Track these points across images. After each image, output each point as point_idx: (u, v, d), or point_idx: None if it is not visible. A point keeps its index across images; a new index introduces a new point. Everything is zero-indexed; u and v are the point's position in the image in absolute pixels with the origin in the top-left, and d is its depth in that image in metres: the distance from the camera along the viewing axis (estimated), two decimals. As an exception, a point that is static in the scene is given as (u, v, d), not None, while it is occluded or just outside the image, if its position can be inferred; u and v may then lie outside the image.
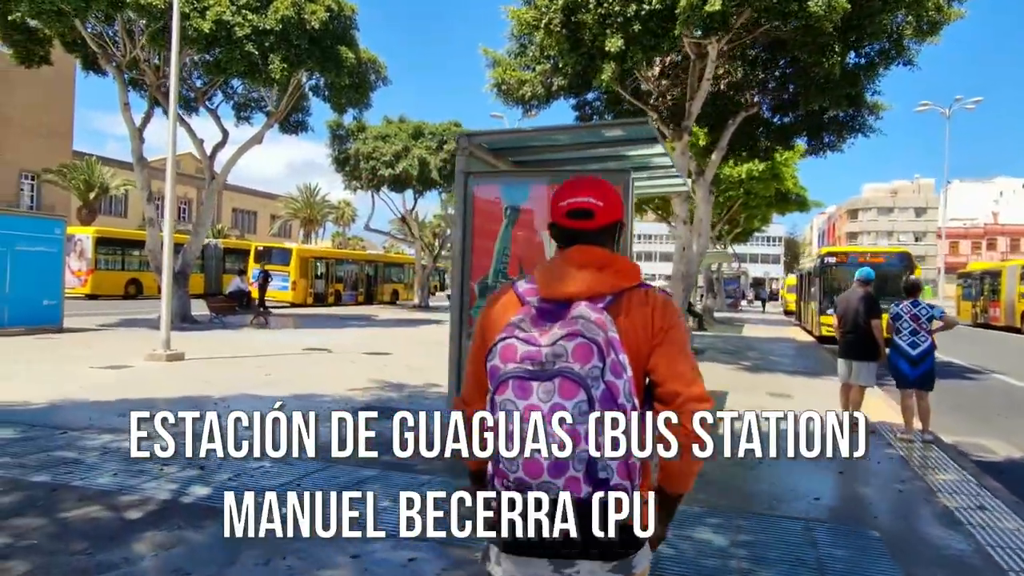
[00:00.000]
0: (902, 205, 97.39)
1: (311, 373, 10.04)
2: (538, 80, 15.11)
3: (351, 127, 31.31)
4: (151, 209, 18.48)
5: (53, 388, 8.15)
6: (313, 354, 12.63)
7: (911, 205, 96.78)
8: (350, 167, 31.14)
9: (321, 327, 19.76)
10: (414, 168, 28.79)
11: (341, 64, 18.63)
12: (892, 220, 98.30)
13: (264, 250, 33.11)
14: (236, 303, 19.00)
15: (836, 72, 13.60)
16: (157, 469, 5.03)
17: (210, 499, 4.46)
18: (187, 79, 21.87)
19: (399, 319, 24.74)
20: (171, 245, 11.25)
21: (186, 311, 19.26)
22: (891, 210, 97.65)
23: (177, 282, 19.14)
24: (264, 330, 17.86)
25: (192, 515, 4.16)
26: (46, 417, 6.72)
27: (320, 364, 11.25)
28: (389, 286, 39.12)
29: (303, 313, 26.62)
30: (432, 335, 17.99)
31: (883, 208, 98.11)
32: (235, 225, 72.13)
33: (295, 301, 31.20)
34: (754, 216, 36.38)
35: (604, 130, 6.02)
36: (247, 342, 14.59)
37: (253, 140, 20.73)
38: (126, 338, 14.48)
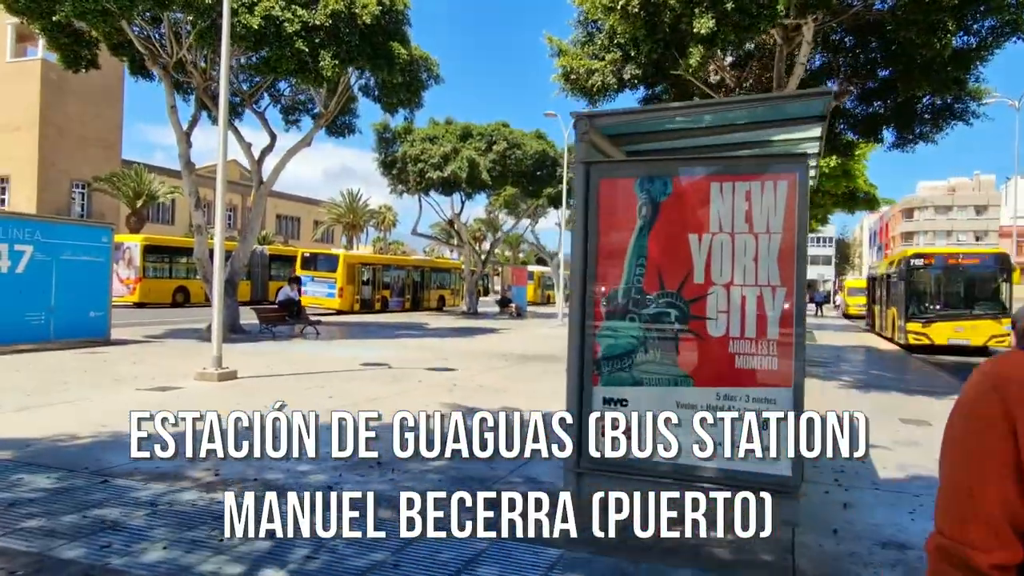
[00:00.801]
0: (961, 203, 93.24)
1: (377, 395, 9.01)
2: (609, 69, 13.93)
3: (397, 130, 30.54)
4: (199, 215, 17.80)
5: (98, 417, 7.26)
6: (373, 371, 11.64)
7: (971, 203, 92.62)
8: (396, 170, 30.36)
9: (372, 337, 18.86)
10: (463, 170, 27.83)
11: (393, 61, 17.73)
12: (951, 219, 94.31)
13: (310, 256, 32.54)
14: (286, 312, 18.20)
15: (946, 53, 12.16)
16: (217, 539, 3.99)
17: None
18: (233, 82, 21.27)
19: (452, 328, 23.76)
20: (222, 255, 10.38)
21: (235, 321, 18.56)
22: (950, 208, 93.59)
23: (226, 291, 18.45)
24: (314, 341, 17.02)
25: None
26: (88, 457, 5.79)
27: (383, 383, 10.24)
28: (435, 292, 38.28)
29: (350, 321, 25.84)
30: (491, 346, 16.96)
31: (941, 207, 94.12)
32: (279, 231, 72.42)
33: (342, 308, 30.51)
34: (815, 216, 34.53)
35: (785, 104, 4.80)
36: (300, 356, 13.70)
37: (302, 143, 19.99)
38: (174, 352, 13.72)
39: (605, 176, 4.52)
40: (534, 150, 30.29)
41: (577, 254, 4.64)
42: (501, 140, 29.49)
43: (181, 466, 5.27)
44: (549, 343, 18.16)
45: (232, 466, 5.30)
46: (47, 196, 41.38)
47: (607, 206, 4.52)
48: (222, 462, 5.24)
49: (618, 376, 4.43)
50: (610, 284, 4.50)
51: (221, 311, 10.26)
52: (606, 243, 4.53)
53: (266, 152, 20.45)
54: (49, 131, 44.13)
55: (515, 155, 29.64)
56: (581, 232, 4.61)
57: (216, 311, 10.15)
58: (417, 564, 3.79)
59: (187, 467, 5.31)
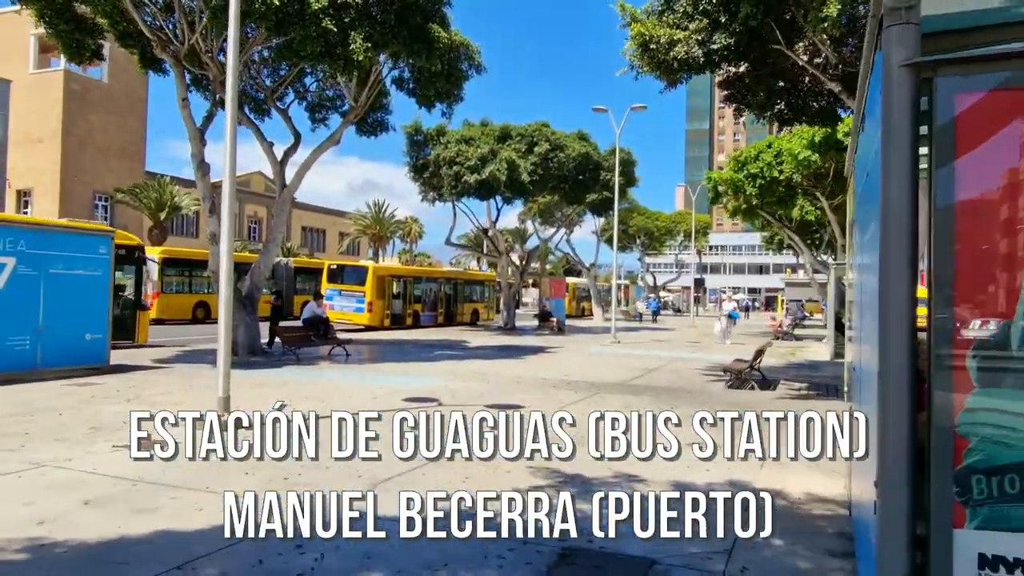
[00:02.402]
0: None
1: (443, 471, 6.69)
2: (694, 40, 11.60)
3: (430, 132, 28.45)
4: (214, 223, 15.76)
5: (44, 503, 5.07)
6: (422, 410, 9.36)
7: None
8: (428, 175, 28.25)
9: (408, 359, 16.63)
10: (502, 172, 25.59)
11: (432, 45, 15.59)
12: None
13: (337, 268, 30.52)
14: (312, 332, 16.05)
15: None
16: None
17: None
18: (256, 77, 19.36)
19: (495, 346, 21.45)
20: (230, 264, 8.19)
21: (254, 341, 16.46)
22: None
23: (244, 308, 16.40)
24: (344, 364, 14.82)
25: None
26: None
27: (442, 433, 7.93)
28: (469, 305, 36.04)
29: (382, 338, 23.67)
30: (547, 369, 14.57)
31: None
32: (304, 243, 70.98)
33: (371, 324, 28.39)
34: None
35: None
36: (329, 387, 11.46)
37: (330, 140, 17.91)
38: (180, 382, 11.56)
39: (971, 90, 2.17)
40: (577, 152, 28.00)
41: (893, 253, 2.29)
42: (543, 141, 27.24)
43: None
44: (611, 366, 15.79)
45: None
46: (69, 208, 40.05)
47: (976, 149, 2.17)
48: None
49: (1018, 511, 2.07)
50: (988, 309, 2.14)
51: (229, 336, 8.02)
52: (976, 226, 2.18)
53: (290, 153, 18.44)
54: (71, 143, 43.00)
55: (558, 158, 27.36)
56: (902, 204, 2.27)
57: (223, 335, 7.91)
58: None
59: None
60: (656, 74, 12.28)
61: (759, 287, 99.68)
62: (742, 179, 27.11)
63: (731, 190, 28.07)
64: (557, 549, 4.40)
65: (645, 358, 17.99)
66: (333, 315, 28.94)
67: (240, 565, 4.06)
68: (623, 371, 14.51)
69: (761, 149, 27.19)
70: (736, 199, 28.93)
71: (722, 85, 14.51)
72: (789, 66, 14.40)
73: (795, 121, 15.28)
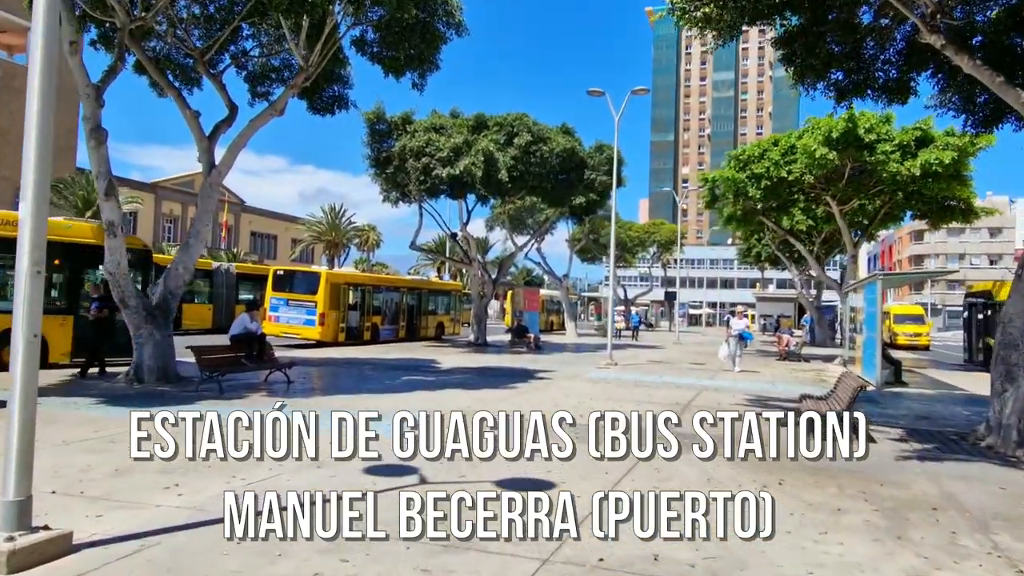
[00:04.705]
0: (974, 225, 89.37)
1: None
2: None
3: (394, 120, 24.95)
4: (111, 208, 11.97)
5: None
6: (400, 517, 5.85)
7: (984, 225, 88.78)
8: (392, 169, 24.68)
9: (367, 388, 13.04)
10: (478, 167, 22.20)
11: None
12: (963, 242, 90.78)
13: (285, 274, 26.60)
14: (243, 354, 12.33)
15: None
16: None
17: None
18: (184, 39, 15.63)
19: (471, 368, 17.96)
20: (38, 243, 4.43)
21: (168, 364, 12.68)
22: (962, 230, 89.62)
23: (154, 320, 12.61)
24: (283, 399, 11.15)
25: None
26: None
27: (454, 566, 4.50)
28: (434, 318, 32.42)
29: (336, 357, 19.94)
30: (551, 406, 11.00)
31: (953, 228, 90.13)
32: (253, 249, 66.25)
33: (323, 339, 24.57)
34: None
35: None
36: (247, 447, 7.80)
37: (272, 109, 14.31)
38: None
39: None
40: (562, 147, 24.77)
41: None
42: (524, 132, 23.93)
43: None
44: (629, 401, 12.48)
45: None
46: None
47: None
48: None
49: None
50: None
51: (27, 372, 4.32)
52: None
53: (222, 128, 14.72)
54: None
55: (541, 151, 24.07)
56: None
57: (19, 373, 4.23)
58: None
59: None
60: (695, 26, 9.16)
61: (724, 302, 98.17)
62: (745, 180, 24.27)
63: (731, 192, 25.18)
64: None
65: (661, 388, 14.73)
66: (279, 328, 25.05)
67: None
68: (651, 409, 11.21)
69: (766, 147, 24.42)
70: (735, 203, 26.08)
71: (778, 43, 11.46)
72: (855, 22, 11.50)
73: (855, 95, 12.34)
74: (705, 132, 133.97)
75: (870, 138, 20.94)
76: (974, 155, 20.93)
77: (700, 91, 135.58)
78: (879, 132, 21.17)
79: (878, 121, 21.37)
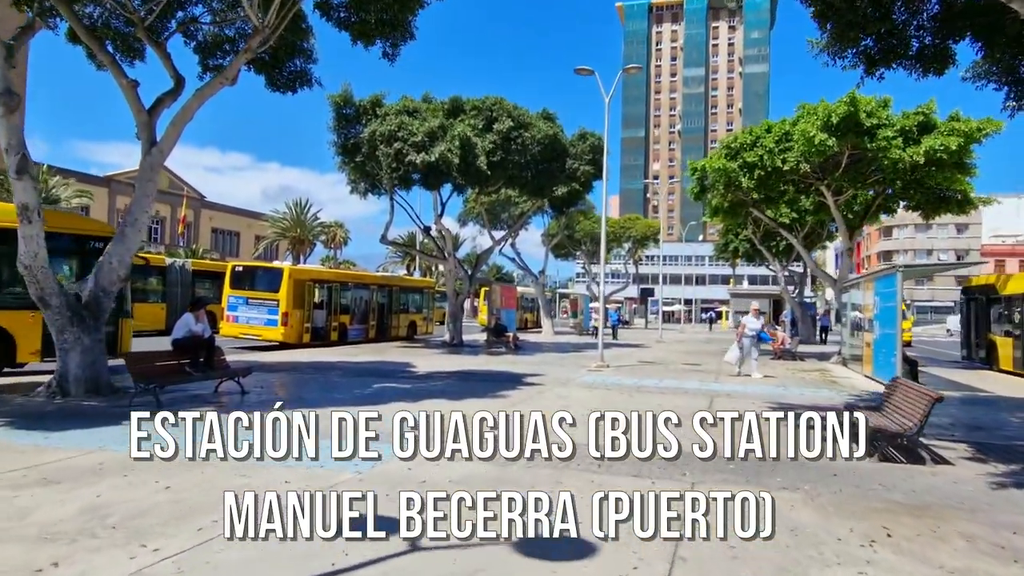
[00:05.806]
0: (941, 221, 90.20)
1: None
2: None
3: (363, 104, 23.13)
4: (24, 189, 10.03)
5: None
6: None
7: (951, 221, 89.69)
8: (361, 157, 22.86)
9: (339, 397, 11.33)
10: (455, 154, 20.50)
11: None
12: (931, 237, 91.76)
13: (244, 270, 24.60)
14: (187, 360, 10.50)
15: None
16: None
17: None
18: (124, 3, 13.67)
19: (451, 372, 16.28)
20: None
21: (99, 373, 10.80)
22: (929, 227, 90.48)
23: (82, 322, 10.72)
24: (235, 413, 9.42)
25: None
26: None
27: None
28: (405, 317, 30.61)
29: (300, 360, 18.11)
30: (553, 416, 9.46)
31: (921, 225, 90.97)
32: (215, 247, 63.52)
33: (287, 340, 22.67)
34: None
35: None
36: (180, 496, 6.09)
37: (221, 78, 12.46)
38: None
39: None
40: (544, 134, 23.20)
41: None
42: (504, 117, 22.30)
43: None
44: (642, 407, 10.98)
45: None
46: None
47: None
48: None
49: None
50: None
51: None
52: None
53: (166, 101, 12.83)
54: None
55: (522, 138, 22.47)
56: None
57: None
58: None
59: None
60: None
61: (698, 298, 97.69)
62: (736, 169, 22.95)
63: (721, 183, 23.84)
64: None
65: (667, 394, 13.23)
66: (238, 329, 23.09)
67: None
68: (670, 418, 9.73)
69: (759, 135, 23.12)
70: (726, 194, 24.76)
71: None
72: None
73: (885, 64, 10.99)
74: (676, 128, 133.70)
75: (871, 123, 19.77)
76: (980, 141, 19.88)
77: (671, 87, 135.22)
78: (879, 117, 20.02)
79: (877, 105, 20.22)
